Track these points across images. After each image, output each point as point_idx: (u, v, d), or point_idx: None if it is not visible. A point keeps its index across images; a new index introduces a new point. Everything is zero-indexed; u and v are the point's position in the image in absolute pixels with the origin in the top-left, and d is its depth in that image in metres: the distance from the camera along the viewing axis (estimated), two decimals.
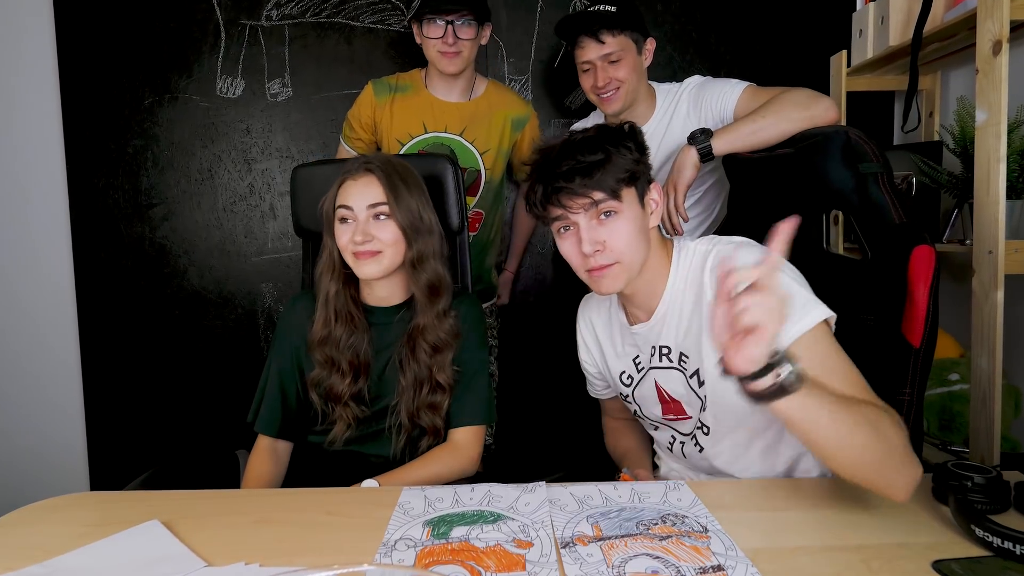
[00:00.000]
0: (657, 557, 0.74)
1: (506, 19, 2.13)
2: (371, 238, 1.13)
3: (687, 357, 1.04)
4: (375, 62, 2.12)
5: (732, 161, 1.43)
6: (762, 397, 0.69)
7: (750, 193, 1.38)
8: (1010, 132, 1.42)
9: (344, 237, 1.15)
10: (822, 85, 1.99)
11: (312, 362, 1.22)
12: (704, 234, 1.75)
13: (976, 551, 0.75)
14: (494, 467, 1.92)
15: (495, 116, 1.79)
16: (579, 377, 1.30)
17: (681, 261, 1.05)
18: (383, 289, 1.23)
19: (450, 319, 1.21)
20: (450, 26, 1.63)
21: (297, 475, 1.25)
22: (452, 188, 1.38)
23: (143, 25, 2.09)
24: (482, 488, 0.95)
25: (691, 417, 1.07)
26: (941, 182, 1.68)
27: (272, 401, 1.23)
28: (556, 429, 2.19)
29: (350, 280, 1.22)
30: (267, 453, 1.22)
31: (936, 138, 1.97)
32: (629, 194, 0.99)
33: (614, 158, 0.97)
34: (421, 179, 1.22)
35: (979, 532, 0.76)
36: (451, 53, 1.66)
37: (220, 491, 1.07)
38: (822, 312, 0.87)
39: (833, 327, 0.90)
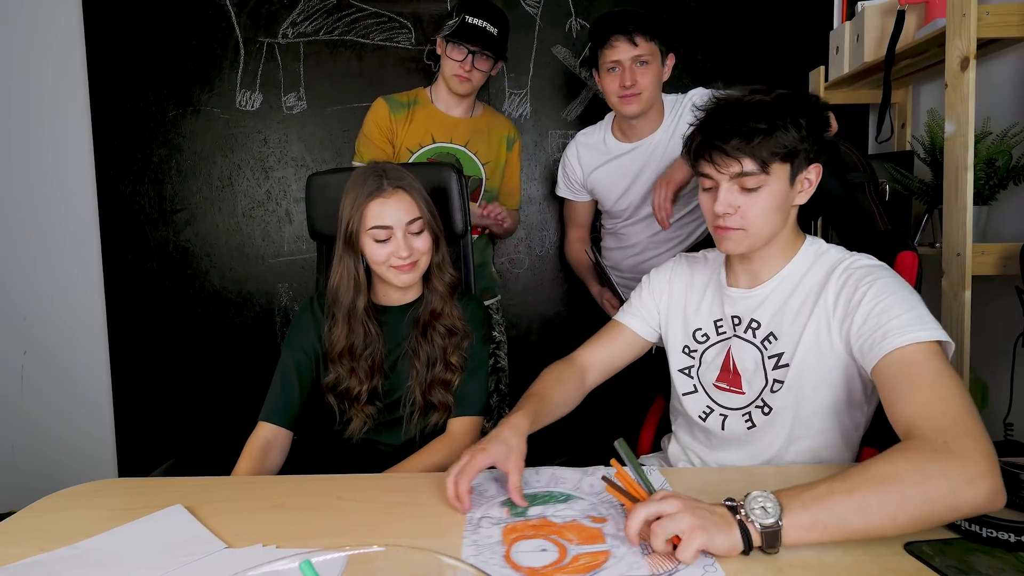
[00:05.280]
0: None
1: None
2: (412, 251, 1.14)
3: (775, 339, 1.00)
4: (384, 77, 2.12)
5: None
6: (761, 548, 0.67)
7: None
8: (977, 142, 1.42)
9: (382, 254, 1.13)
10: None
11: (329, 366, 1.21)
12: (700, 239, 1.75)
13: (945, 534, 0.75)
14: None
15: (493, 133, 1.83)
16: None
17: (810, 252, 1.01)
18: (401, 291, 1.22)
19: (459, 310, 1.23)
20: (471, 55, 1.66)
21: (311, 462, 1.24)
22: (456, 195, 1.38)
23: (168, 43, 2.09)
24: (546, 471, 0.95)
25: (744, 393, 1.04)
26: (913, 189, 1.68)
27: (287, 392, 1.19)
28: (563, 422, 2.19)
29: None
30: (260, 449, 1.14)
31: (908, 148, 1.97)
32: (780, 169, 0.94)
33: (777, 132, 0.91)
34: None
35: None
36: (463, 77, 1.68)
37: (240, 477, 1.07)
38: (939, 334, 0.82)
39: (950, 354, 0.84)
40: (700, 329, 1.11)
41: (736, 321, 1.05)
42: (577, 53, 2.15)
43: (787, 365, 0.98)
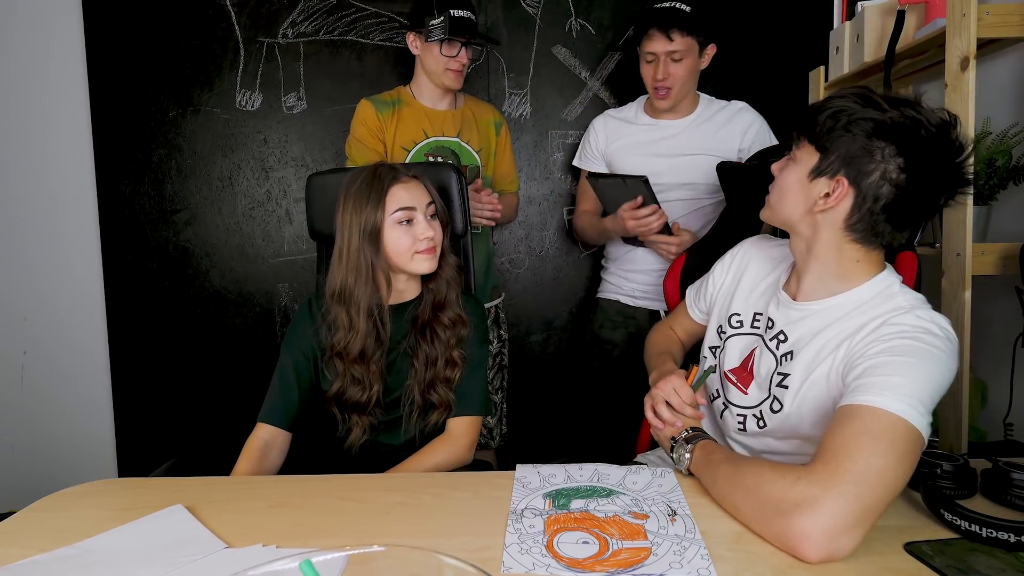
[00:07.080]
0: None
1: (507, 37, 2.13)
2: (433, 233, 1.16)
3: (789, 359, 0.97)
4: (384, 77, 2.12)
5: (726, 169, 1.44)
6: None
7: (742, 201, 1.39)
8: (977, 142, 1.42)
9: (407, 240, 1.15)
10: (802, 99, 2.00)
11: (330, 369, 1.19)
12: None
13: (945, 534, 0.75)
14: (508, 453, 1.93)
15: (480, 121, 1.85)
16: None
17: (873, 289, 0.93)
18: (407, 285, 1.22)
19: (459, 302, 1.23)
20: (463, 48, 1.69)
21: (311, 463, 1.24)
22: (457, 194, 1.38)
23: (168, 43, 2.09)
24: (590, 467, 0.96)
25: (747, 394, 1.03)
26: None
27: (285, 393, 1.19)
28: (561, 419, 2.20)
29: None
30: (258, 450, 1.14)
31: None
32: (808, 154, 0.91)
33: (839, 133, 0.86)
34: None
35: (948, 516, 0.76)
36: (457, 71, 1.71)
37: (240, 477, 1.07)
38: (911, 412, 0.75)
39: (919, 445, 0.75)
40: (738, 315, 1.10)
41: (770, 324, 1.03)
42: (577, 53, 2.15)
43: (787, 387, 0.96)
